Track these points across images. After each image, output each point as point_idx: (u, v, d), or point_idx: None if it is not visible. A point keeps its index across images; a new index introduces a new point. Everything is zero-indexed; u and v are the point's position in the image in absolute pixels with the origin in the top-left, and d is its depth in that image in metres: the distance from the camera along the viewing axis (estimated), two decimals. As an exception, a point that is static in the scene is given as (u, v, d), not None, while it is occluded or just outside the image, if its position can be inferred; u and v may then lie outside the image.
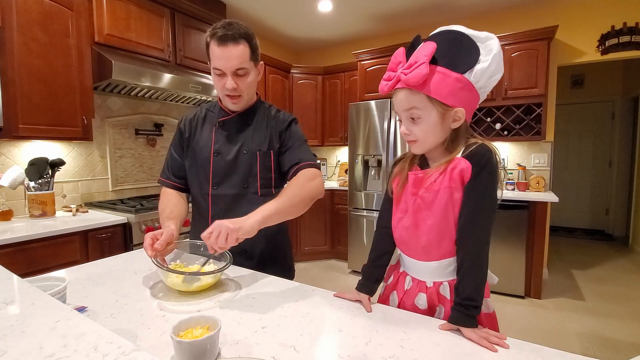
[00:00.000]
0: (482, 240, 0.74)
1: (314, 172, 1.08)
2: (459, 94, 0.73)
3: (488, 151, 0.74)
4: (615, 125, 4.88)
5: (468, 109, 0.76)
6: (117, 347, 0.45)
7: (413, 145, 0.81)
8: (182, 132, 1.20)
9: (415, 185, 0.81)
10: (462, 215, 0.75)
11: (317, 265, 3.78)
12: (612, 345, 2.20)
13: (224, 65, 1.02)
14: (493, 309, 0.83)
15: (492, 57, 0.72)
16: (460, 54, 0.73)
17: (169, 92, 2.41)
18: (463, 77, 0.72)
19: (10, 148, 2.04)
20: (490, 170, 0.73)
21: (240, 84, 1.06)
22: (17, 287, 0.69)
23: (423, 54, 0.71)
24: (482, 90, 0.77)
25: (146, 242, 0.92)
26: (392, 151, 3.21)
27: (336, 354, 0.63)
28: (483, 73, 0.73)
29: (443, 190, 0.76)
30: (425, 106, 0.74)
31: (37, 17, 1.87)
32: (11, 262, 1.54)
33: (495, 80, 0.76)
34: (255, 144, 1.13)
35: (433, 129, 0.76)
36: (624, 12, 2.92)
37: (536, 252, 2.82)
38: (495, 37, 0.75)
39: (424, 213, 0.79)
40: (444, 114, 0.74)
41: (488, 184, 0.73)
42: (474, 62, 0.73)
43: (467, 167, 0.74)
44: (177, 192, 1.21)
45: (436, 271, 0.81)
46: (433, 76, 0.72)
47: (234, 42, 1.00)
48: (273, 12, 3.40)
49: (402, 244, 0.87)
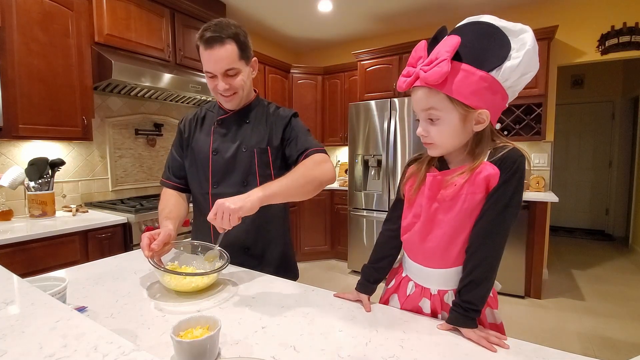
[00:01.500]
0: (497, 251, 0.69)
1: (323, 156, 1.06)
2: (483, 94, 0.66)
3: (520, 156, 0.68)
4: (615, 125, 4.88)
5: (493, 110, 0.69)
6: (117, 347, 0.45)
7: (430, 147, 0.75)
8: (182, 132, 1.21)
9: (433, 189, 0.75)
10: (481, 221, 0.70)
11: (317, 265, 3.78)
12: (612, 345, 2.20)
13: (213, 67, 1.02)
14: (501, 321, 0.78)
15: (524, 52, 0.65)
16: (488, 50, 0.65)
17: (169, 92, 2.41)
18: (489, 75, 0.65)
19: (10, 148, 2.04)
20: (519, 178, 0.67)
21: (233, 83, 1.05)
22: (17, 287, 0.69)
23: (445, 50, 0.64)
24: (512, 89, 0.70)
25: (143, 242, 0.91)
26: (392, 151, 3.21)
27: (336, 354, 0.63)
28: (513, 71, 0.65)
29: (465, 197, 0.70)
30: (445, 107, 0.68)
31: (37, 17, 1.87)
32: (11, 262, 1.54)
33: (527, 79, 0.69)
34: (254, 141, 1.12)
35: (453, 131, 0.70)
36: (624, 12, 2.92)
37: (536, 252, 2.82)
38: (530, 30, 0.67)
39: (440, 218, 0.74)
40: (466, 115, 0.68)
41: (515, 191, 0.68)
42: (503, 59, 0.65)
43: (495, 173, 0.68)
44: (178, 193, 1.21)
45: (443, 279, 0.77)
46: (455, 74, 0.65)
47: (220, 44, 0.99)
48: (273, 12, 3.40)
49: (410, 248, 0.83)
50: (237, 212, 0.82)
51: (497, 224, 0.69)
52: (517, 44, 0.66)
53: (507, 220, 0.69)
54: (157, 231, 0.96)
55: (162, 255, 0.96)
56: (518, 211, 0.69)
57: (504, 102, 0.71)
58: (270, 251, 1.17)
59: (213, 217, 0.84)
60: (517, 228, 2.84)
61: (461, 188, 0.71)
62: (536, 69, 0.69)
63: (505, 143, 0.71)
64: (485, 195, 0.70)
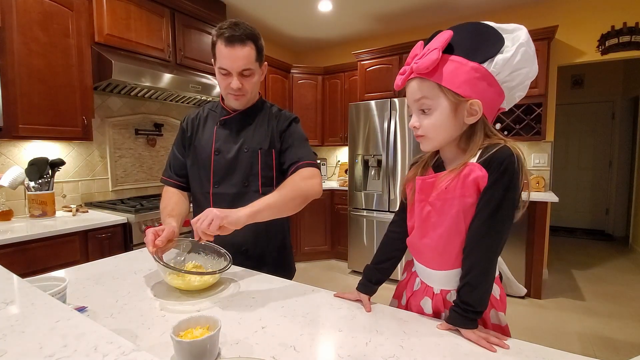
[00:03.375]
0: (492, 252, 0.69)
1: (312, 171, 1.08)
2: (475, 84, 0.66)
3: (509, 155, 0.65)
4: (615, 125, 4.88)
5: (486, 102, 0.68)
6: (117, 347, 0.45)
7: (422, 140, 0.74)
8: (185, 130, 1.21)
9: (423, 192, 0.76)
10: (474, 223, 0.69)
11: (317, 265, 3.78)
12: (612, 345, 2.20)
13: (231, 65, 1.03)
14: (506, 323, 0.76)
15: (517, 46, 0.65)
16: (481, 43, 0.67)
17: (169, 92, 2.41)
18: (481, 66, 0.66)
19: (10, 148, 2.04)
20: (510, 177, 0.65)
21: (245, 84, 1.07)
22: (17, 287, 0.69)
23: (437, 41, 0.67)
24: (506, 85, 0.69)
25: (148, 237, 0.91)
26: (392, 151, 3.21)
27: (336, 354, 0.63)
28: (506, 63, 0.66)
29: (455, 200, 0.70)
30: (435, 95, 0.68)
31: (37, 17, 1.87)
32: (11, 262, 1.54)
33: (520, 75, 0.68)
34: (256, 142, 1.13)
35: (444, 121, 0.69)
36: (624, 12, 2.92)
37: (536, 252, 2.82)
38: (524, 28, 0.68)
39: (433, 221, 0.75)
40: (457, 105, 0.68)
41: (506, 193, 0.65)
42: (495, 52, 0.66)
43: (483, 175, 0.67)
44: (179, 191, 1.21)
45: (444, 280, 0.77)
46: (446, 64, 0.66)
47: (241, 43, 1.01)
48: (273, 12, 3.40)
49: (413, 250, 0.84)
50: (220, 219, 0.82)
51: (490, 226, 0.67)
52: (510, 41, 0.67)
53: (500, 221, 0.67)
54: (161, 227, 0.97)
55: (165, 251, 0.96)
56: (513, 212, 0.68)
57: (500, 97, 0.70)
58: (269, 252, 1.17)
59: (195, 220, 0.84)
60: (517, 228, 2.84)
61: (450, 190, 0.71)
62: (533, 67, 0.69)
63: (498, 140, 0.70)
64: (477, 198, 0.69)
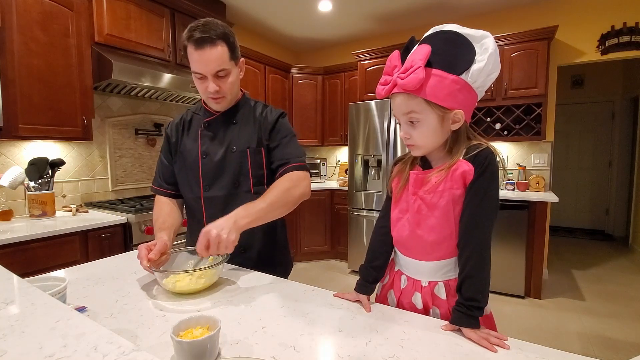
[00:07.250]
0: (484, 241, 0.74)
1: (300, 174, 1.07)
2: (457, 95, 0.73)
3: (490, 153, 0.75)
4: (615, 125, 4.88)
5: (467, 109, 0.76)
6: (117, 347, 0.45)
7: (413, 149, 0.81)
8: (169, 137, 1.19)
9: (416, 185, 0.82)
10: (464, 216, 0.76)
11: (317, 265, 3.78)
12: (612, 345, 2.20)
13: (204, 69, 1.00)
14: (490, 311, 0.82)
15: (488, 56, 0.73)
16: (456, 56, 0.73)
17: (169, 92, 2.41)
18: (460, 78, 0.72)
19: (10, 148, 2.04)
20: (492, 171, 0.74)
21: (222, 85, 1.04)
22: (17, 287, 0.69)
23: (418, 58, 0.71)
24: (480, 89, 0.77)
25: (141, 253, 0.92)
26: (392, 151, 3.21)
27: (336, 354, 0.63)
28: (480, 73, 0.73)
29: (445, 192, 0.77)
30: (423, 110, 0.74)
31: (37, 17, 1.87)
32: (11, 262, 1.54)
33: (492, 79, 0.77)
34: (244, 142, 1.11)
35: (433, 132, 0.76)
36: (624, 12, 2.92)
37: (536, 252, 2.82)
38: (491, 35, 0.75)
39: (425, 214, 0.80)
40: (443, 116, 0.75)
41: (490, 185, 0.74)
42: (470, 63, 0.73)
43: (470, 169, 0.74)
44: (170, 200, 1.20)
45: (433, 271, 0.82)
46: (429, 79, 0.72)
47: (211, 44, 0.98)
48: (273, 12, 3.40)
49: (400, 243, 0.87)
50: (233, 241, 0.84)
51: (479, 215, 0.75)
52: (480, 49, 0.74)
53: (487, 210, 0.75)
54: (154, 242, 0.96)
55: (159, 265, 0.95)
56: (497, 203, 0.76)
57: (475, 100, 0.79)
58: (266, 251, 1.17)
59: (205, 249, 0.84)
60: (517, 228, 2.84)
61: (440, 184, 0.78)
62: (499, 70, 0.77)
63: (479, 142, 0.78)
64: (464, 190, 0.76)
